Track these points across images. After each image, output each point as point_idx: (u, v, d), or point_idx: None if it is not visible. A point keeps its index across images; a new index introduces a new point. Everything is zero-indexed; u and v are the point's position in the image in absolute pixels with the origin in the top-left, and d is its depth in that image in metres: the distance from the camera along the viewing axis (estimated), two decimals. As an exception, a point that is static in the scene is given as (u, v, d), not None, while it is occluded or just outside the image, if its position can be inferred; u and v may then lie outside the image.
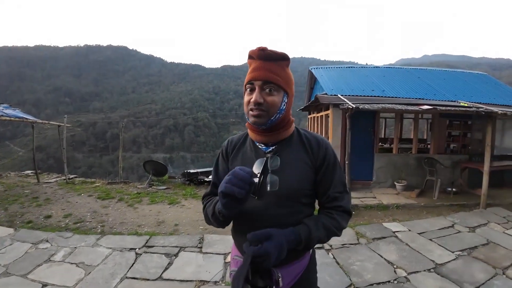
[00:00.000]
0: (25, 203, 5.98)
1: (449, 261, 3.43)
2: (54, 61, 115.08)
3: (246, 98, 1.09)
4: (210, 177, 7.99)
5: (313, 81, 11.14)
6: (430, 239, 4.07)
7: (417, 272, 3.19)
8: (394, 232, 4.34)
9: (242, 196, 0.90)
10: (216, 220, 1.10)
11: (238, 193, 0.89)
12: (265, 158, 1.11)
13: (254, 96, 1.04)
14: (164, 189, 7.44)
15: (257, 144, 1.17)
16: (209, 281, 2.97)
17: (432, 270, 3.24)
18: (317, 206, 1.20)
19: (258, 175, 1.07)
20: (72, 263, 3.36)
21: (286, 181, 1.07)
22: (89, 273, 3.14)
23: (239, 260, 1.18)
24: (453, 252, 3.67)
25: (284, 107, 1.10)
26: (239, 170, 0.93)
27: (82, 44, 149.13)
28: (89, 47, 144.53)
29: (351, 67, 11.08)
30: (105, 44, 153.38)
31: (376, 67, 10.66)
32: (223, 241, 3.93)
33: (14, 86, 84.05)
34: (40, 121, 9.13)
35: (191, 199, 6.39)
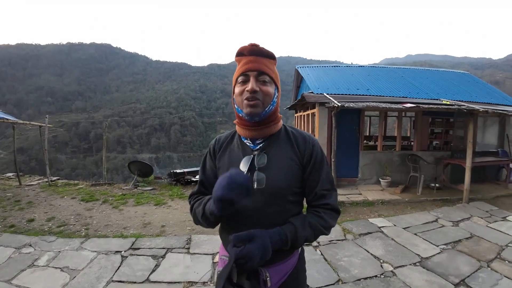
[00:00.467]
0: (7, 206, 5.79)
1: (434, 255, 3.51)
2: (36, 59, 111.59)
3: (238, 89, 1.10)
4: (197, 176, 8.02)
5: (299, 80, 11.21)
6: (415, 234, 4.16)
7: (403, 266, 3.25)
8: (379, 227, 4.41)
9: (239, 201, 0.92)
10: (206, 221, 1.10)
11: (236, 199, 0.91)
12: (252, 156, 1.12)
13: (250, 84, 1.05)
14: (150, 190, 7.32)
15: (245, 141, 1.17)
16: (197, 282, 2.93)
17: (417, 264, 3.30)
18: (305, 205, 1.20)
19: (245, 172, 1.07)
20: (56, 268, 3.26)
21: (273, 179, 1.07)
22: (74, 277, 3.05)
23: (226, 260, 1.16)
24: (437, 246, 3.76)
25: (276, 100, 1.13)
26: (237, 175, 0.93)
27: (64, 42, 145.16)
28: (72, 45, 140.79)
29: (337, 66, 11.21)
30: (88, 42, 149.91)
31: (361, 66, 10.81)
32: (210, 241, 3.90)
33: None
34: (21, 121, 8.83)
35: (178, 199, 6.31)
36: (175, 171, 8.29)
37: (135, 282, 2.95)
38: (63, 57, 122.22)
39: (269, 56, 1.11)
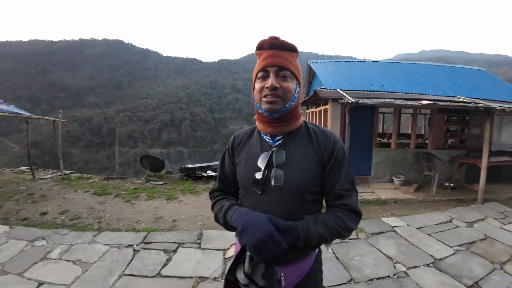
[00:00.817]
0: (20, 199, 5.90)
1: (447, 256, 3.43)
2: (48, 55, 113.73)
3: (258, 85, 1.07)
4: (208, 172, 8.07)
5: (311, 75, 11.08)
6: (429, 234, 4.08)
7: (416, 267, 3.18)
8: (392, 227, 4.34)
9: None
10: (227, 228, 1.12)
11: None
12: (270, 152, 1.10)
13: (269, 81, 1.02)
14: (162, 184, 7.39)
15: (264, 137, 1.15)
16: (208, 277, 2.94)
17: (431, 265, 3.24)
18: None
19: (262, 169, 1.07)
20: (68, 261, 3.31)
21: (291, 176, 1.05)
22: (86, 270, 3.09)
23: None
24: (451, 247, 3.67)
25: (297, 95, 1.09)
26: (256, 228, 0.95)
27: (76, 38, 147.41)
28: (84, 41, 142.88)
29: (350, 61, 11.02)
30: (100, 38, 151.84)
31: (375, 61, 10.61)
32: (221, 236, 3.90)
33: (8, 82, 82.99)
34: (35, 116, 8.99)
35: (189, 194, 6.35)
36: (186, 166, 8.33)
37: (146, 276, 2.97)
38: (76, 53, 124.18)
39: (291, 49, 1.07)
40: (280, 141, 1.12)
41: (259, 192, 1.07)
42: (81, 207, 5.42)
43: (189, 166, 8.35)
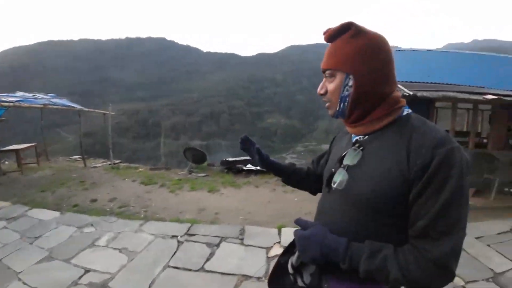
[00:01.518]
0: (72, 186, 6.23)
1: (508, 270, 3.07)
2: (99, 53, 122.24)
3: None
4: (249, 166, 8.07)
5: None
6: (488, 245, 3.68)
7: (476, 281, 2.86)
8: (451, 234, 3.98)
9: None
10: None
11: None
12: (347, 150, 0.95)
13: (319, 87, 0.96)
14: (204, 176, 7.52)
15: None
16: (252, 277, 2.86)
17: (490, 279, 2.91)
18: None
19: (333, 168, 0.97)
20: (115, 249, 3.39)
21: (356, 183, 0.85)
22: (132, 259, 3.15)
23: None
24: (512, 260, 3.28)
25: (348, 92, 0.87)
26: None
27: (123, 37, 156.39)
28: (130, 40, 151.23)
29: (400, 50, 10.30)
30: (144, 36, 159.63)
31: (429, 50, 9.80)
32: (264, 233, 3.83)
33: (62, 78, 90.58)
34: (86, 109, 9.63)
35: (230, 187, 6.37)
36: (227, 159, 8.41)
37: (190, 270, 2.98)
38: (123, 51, 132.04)
39: (340, 33, 0.87)
40: (361, 139, 0.93)
41: (327, 191, 0.98)
42: (129, 195, 5.64)
43: (230, 159, 8.42)
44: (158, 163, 9.23)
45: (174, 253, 3.32)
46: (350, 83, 0.85)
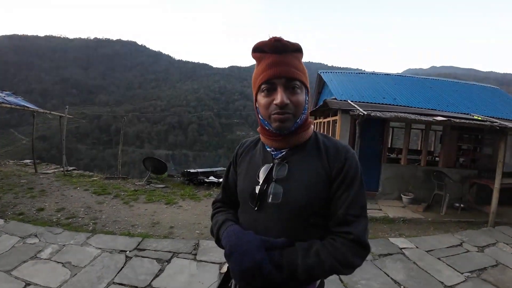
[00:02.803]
0: (19, 193, 5.83)
1: (458, 283, 3.20)
2: (63, 52, 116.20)
3: (263, 100, 0.91)
4: (211, 178, 7.91)
5: (321, 85, 10.94)
6: (439, 258, 3.84)
7: (426, 295, 2.96)
8: (401, 248, 4.09)
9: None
10: (220, 246, 1.01)
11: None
12: (271, 165, 0.95)
13: (278, 98, 0.87)
14: (163, 187, 7.24)
15: (268, 149, 1.00)
16: (201, 294, 2.75)
17: (441, 293, 3.01)
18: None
19: (260, 183, 0.94)
20: (58, 262, 3.18)
21: (292, 194, 0.91)
22: (75, 274, 2.95)
23: None
24: (462, 273, 3.44)
25: (307, 105, 0.96)
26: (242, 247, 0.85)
27: (92, 37, 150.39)
28: (99, 41, 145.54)
29: (362, 73, 10.87)
30: (114, 38, 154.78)
31: (387, 74, 10.43)
32: (219, 248, 3.66)
33: (22, 75, 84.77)
34: (42, 110, 9.00)
35: (189, 200, 6.17)
36: (188, 170, 8.20)
37: (136, 287, 2.80)
38: (90, 51, 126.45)
39: (295, 50, 0.91)
40: (283, 154, 0.97)
41: (255, 209, 0.94)
42: (78, 206, 5.30)
43: (192, 170, 8.22)
44: (117, 172, 8.72)
45: (121, 268, 3.13)
46: (307, 98, 0.95)
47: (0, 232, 3.84)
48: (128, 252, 3.51)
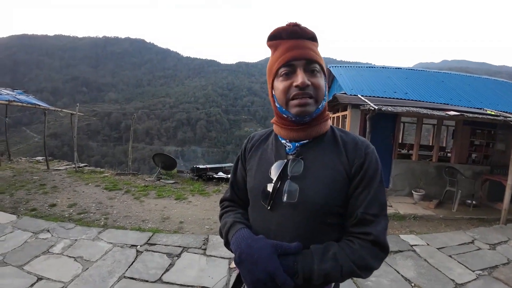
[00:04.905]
0: (31, 189, 5.93)
1: (469, 281, 3.15)
2: (73, 51, 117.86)
3: (282, 84, 0.87)
4: (220, 173, 7.93)
5: (330, 80, 10.81)
6: (450, 256, 3.78)
7: (437, 292, 2.92)
8: (411, 245, 4.04)
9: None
10: (229, 249, 0.94)
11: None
12: (285, 161, 0.90)
13: (299, 78, 0.83)
14: (172, 183, 7.30)
15: (282, 141, 0.96)
16: (210, 288, 2.76)
17: (451, 291, 2.95)
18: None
19: (274, 181, 0.88)
20: (70, 257, 3.22)
21: (309, 193, 0.85)
22: (87, 269, 2.99)
23: None
24: (473, 271, 3.38)
25: (326, 92, 0.92)
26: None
27: (100, 36, 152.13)
28: (108, 39, 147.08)
29: (372, 67, 10.69)
30: (123, 37, 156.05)
31: (398, 68, 10.23)
32: (228, 244, 3.72)
33: (32, 74, 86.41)
34: (53, 108, 9.16)
35: (199, 195, 6.21)
36: (198, 166, 8.23)
37: (147, 281, 2.83)
38: (99, 50, 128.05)
39: (312, 37, 0.88)
40: (298, 149, 0.92)
41: (268, 208, 0.88)
42: (90, 201, 5.38)
43: (201, 166, 8.25)
44: (127, 168, 8.84)
45: (132, 263, 3.16)
46: (326, 84, 0.91)
47: (13, 227, 3.91)
48: (139, 246, 3.55)
